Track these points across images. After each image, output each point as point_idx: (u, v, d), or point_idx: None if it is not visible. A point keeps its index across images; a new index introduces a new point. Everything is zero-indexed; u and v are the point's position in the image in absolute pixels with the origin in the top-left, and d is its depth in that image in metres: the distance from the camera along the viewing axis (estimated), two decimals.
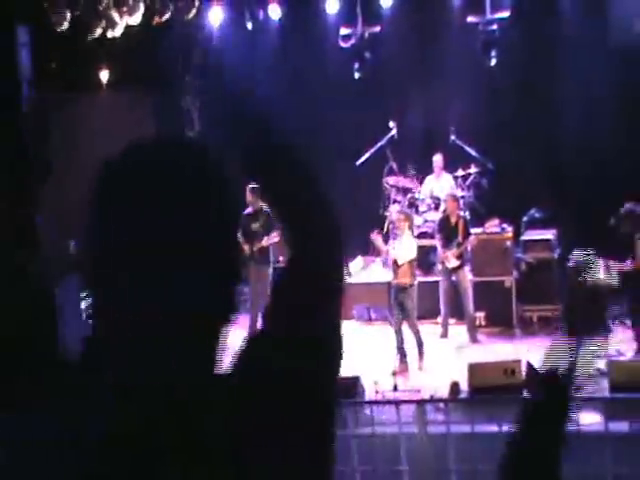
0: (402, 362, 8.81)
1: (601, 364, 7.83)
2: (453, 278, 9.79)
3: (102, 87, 11.87)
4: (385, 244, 9.51)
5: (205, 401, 1.11)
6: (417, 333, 8.93)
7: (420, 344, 8.93)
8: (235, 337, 1.21)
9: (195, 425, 1.09)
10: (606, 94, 10.59)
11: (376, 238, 9.78)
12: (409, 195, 11.37)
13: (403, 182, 11.48)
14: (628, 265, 8.39)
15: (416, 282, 9.22)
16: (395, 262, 9.08)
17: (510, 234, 10.32)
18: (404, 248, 9.10)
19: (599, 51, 10.81)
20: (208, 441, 1.09)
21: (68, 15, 9.07)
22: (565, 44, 11.27)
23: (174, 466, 1.07)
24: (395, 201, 11.40)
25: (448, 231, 9.92)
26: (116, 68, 11.65)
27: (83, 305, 8.12)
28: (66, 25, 9.11)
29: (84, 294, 7.28)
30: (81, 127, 11.55)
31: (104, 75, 11.83)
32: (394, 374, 8.25)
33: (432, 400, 7.08)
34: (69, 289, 7.75)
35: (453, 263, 9.72)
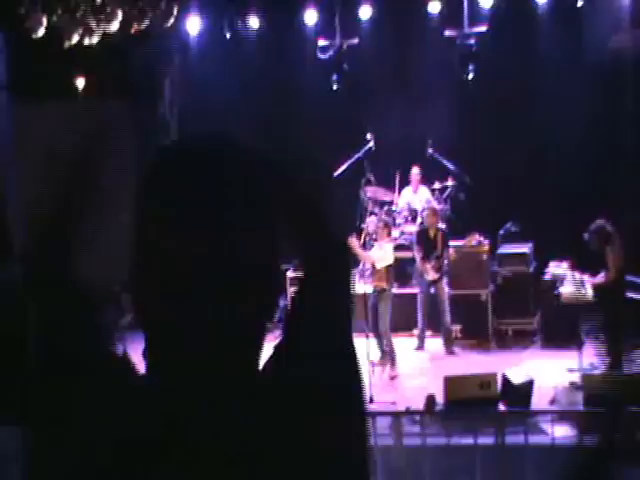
0: (382, 358, 8.90)
1: (576, 378, 7.87)
2: (432, 290, 9.80)
3: (78, 94, 11.78)
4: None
5: (249, 400, 1.13)
6: (389, 340, 8.93)
7: (391, 351, 8.92)
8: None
9: (238, 423, 1.12)
10: (582, 110, 10.69)
11: (354, 244, 9.79)
12: (386, 207, 11.39)
13: (380, 194, 11.50)
14: (601, 278, 8.45)
15: (393, 289, 9.24)
16: (373, 266, 9.12)
17: (486, 247, 10.35)
18: (383, 252, 9.15)
19: (575, 66, 10.92)
20: (249, 440, 1.11)
21: (45, 21, 9.01)
22: (542, 59, 11.38)
23: (212, 463, 1.10)
24: (372, 213, 11.41)
25: (427, 243, 9.94)
26: (93, 76, 11.57)
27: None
28: (42, 32, 9.05)
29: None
30: (56, 134, 11.45)
31: (80, 82, 11.74)
32: (372, 364, 8.33)
33: (408, 412, 7.07)
34: None
35: (432, 275, 9.73)
